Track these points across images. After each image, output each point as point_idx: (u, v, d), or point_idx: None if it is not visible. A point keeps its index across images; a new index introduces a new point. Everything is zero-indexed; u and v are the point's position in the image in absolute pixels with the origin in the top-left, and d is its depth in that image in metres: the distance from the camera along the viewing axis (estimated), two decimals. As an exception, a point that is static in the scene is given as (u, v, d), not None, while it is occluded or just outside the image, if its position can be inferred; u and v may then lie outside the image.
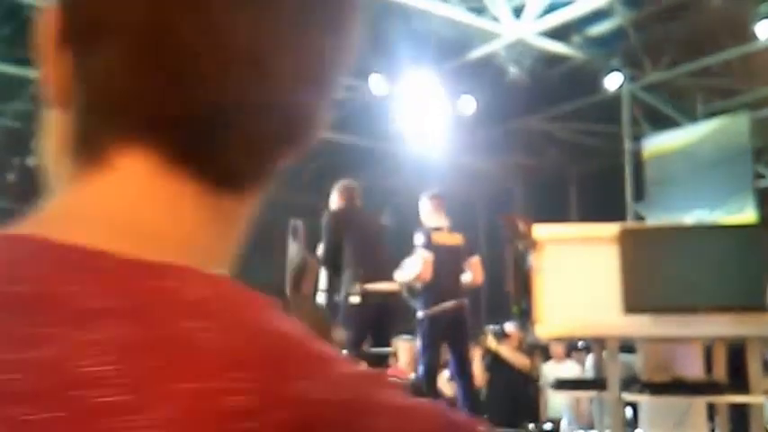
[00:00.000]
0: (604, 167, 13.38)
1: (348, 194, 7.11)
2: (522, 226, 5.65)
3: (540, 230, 5.32)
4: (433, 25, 11.31)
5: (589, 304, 4.99)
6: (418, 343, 7.68)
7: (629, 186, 11.89)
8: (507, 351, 8.19)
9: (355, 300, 6.62)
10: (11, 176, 13.52)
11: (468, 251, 7.48)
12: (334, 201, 7.13)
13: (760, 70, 10.92)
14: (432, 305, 7.26)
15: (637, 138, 12.00)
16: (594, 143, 14.15)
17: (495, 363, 8.35)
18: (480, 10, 10.98)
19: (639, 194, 11.77)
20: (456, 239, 7.47)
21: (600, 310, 4.96)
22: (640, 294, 4.95)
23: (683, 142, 11.30)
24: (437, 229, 7.41)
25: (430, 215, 7.51)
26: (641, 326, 4.92)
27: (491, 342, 8.32)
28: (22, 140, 12.51)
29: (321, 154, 13.19)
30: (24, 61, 11.42)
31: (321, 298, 7.31)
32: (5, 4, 10.33)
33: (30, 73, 11.49)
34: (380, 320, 6.85)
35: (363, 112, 12.81)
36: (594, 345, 5.73)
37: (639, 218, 11.51)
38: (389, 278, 6.89)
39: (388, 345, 7.18)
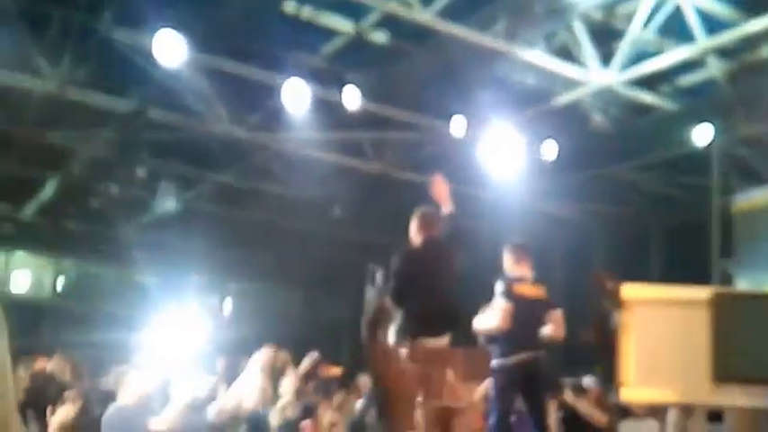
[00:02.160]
0: (689, 221, 13.01)
1: (427, 224, 6.89)
2: (610, 284, 5.48)
3: (629, 290, 5.14)
4: (519, 71, 11.21)
5: (677, 370, 4.79)
6: (491, 392, 7.51)
7: (715, 242, 11.54)
8: (585, 406, 7.96)
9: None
10: (94, 202, 13.75)
11: (550, 304, 7.30)
12: (413, 231, 6.93)
13: None
14: (508, 355, 7.11)
15: (726, 193, 11.67)
16: (680, 196, 13.82)
17: (571, 418, 8.13)
18: (567, 56, 10.83)
19: (727, 251, 11.41)
20: (538, 292, 7.31)
21: (688, 377, 4.76)
22: (731, 362, 4.74)
23: (774, 200, 10.98)
24: (519, 279, 7.26)
25: (513, 265, 7.35)
26: (731, 395, 4.70)
27: (568, 396, 8.10)
28: (106, 168, 12.75)
29: (400, 194, 13.14)
30: (112, 91, 11.62)
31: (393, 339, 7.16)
32: (96, 36, 10.51)
33: (117, 103, 11.68)
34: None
35: (444, 155, 12.72)
36: (680, 411, 5.49)
37: (726, 275, 11.15)
38: (445, 331, 6.65)
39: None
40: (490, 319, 7.05)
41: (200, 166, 14.34)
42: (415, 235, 6.87)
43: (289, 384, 8.31)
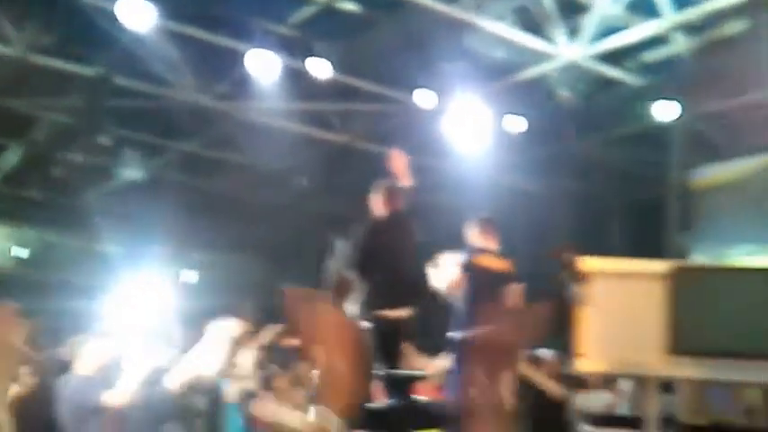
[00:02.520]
0: (650, 196, 13.14)
1: (391, 198, 6.91)
2: (569, 256, 5.55)
3: (588, 263, 5.22)
4: (486, 44, 11.22)
5: (633, 342, 4.88)
6: (450, 364, 7.55)
7: (674, 217, 11.69)
8: (540, 378, 8.03)
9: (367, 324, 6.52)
10: (56, 171, 13.62)
11: (513, 277, 7.35)
12: (376, 204, 6.93)
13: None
14: (468, 327, 7.15)
15: (686, 168, 11.80)
16: (641, 171, 13.93)
17: (526, 390, 8.16)
18: (534, 30, 10.86)
19: (685, 226, 11.56)
20: (502, 264, 7.35)
21: (643, 349, 4.85)
22: (685, 335, 4.83)
23: (733, 176, 11.11)
24: (483, 250, 7.30)
25: (478, 238, 7.38)
26: (685, 368, 4.80)
27: (524, 367, 8.14)
28: (70, 136, 12.62)
29: (366, 165, 13.14)
30: (77, 58, 11.50)
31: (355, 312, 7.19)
32: (63, 2, 10.40)
33: (82, 70, 11.56)
34: (392, 344, 6.68)
35: (408, 127, 12.75)
36: (634, 382, 5.59)
37: (684, 250, 11.30)
38: (406, 303, 6.69)
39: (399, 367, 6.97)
40: (444, 281, 7.02)
41: (166, 134, 14.23)
42: (378, 208, 6.90)
43: (248, 355, 8.32)
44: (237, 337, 6.89)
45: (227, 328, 6.81)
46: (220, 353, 6.53)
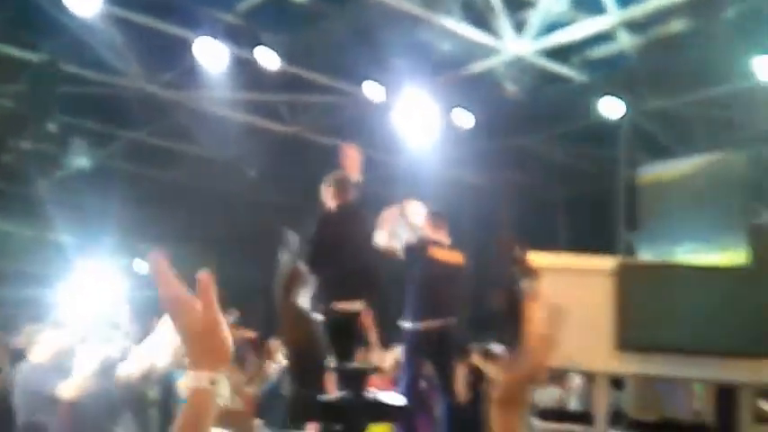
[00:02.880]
0: (596, 192, 13.33)
1: (341, 190, 6.92)
2: (518, 251, 5.63)
3: (537, 258, 5.30)
4: (433, 37, 11.28)
5: (582, 337, 4.97)
6: (401, 356, 7.62)
7: (620, 214, 11.86)
8: (493, 370, 8.10)
9: (319, 317, 6.54)
10: (6, 157, 13.37)
11: (464, 271, 7.43)
12: (328, 196, 6.94)
13: (760, 105, 10.90)
14: (420, 319, 7.21)
15: (632, 165, 11.98)
16: (588, 167, 14.13)
17: (478, 383, 8.25)
18: (481, 24, 10.94)
19: (631, 222, 11.74)
20: (454, 257, 7.43)
21: (592, 345, 4.94)
22: (634, 331, 4.94)
23: (679, 173, 11.30)
24: (436, 243, 7.36)
25: (430, 232, 7.45)
26: (632, 363, 4.91)
27: (476, 359, 8.23)
28: (19, 122, 12.38)
29: (315, 157, 13.13)
30: (25, 44, 11.32)
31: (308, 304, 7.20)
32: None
33: (29, 56, 11.38)
34: (345, 337, 6.71)
35: (358, 120, 12.78)
36: (583, 378, 5.69)
37: (630, 246, 11.49)
38: (360, 295, 6.71)
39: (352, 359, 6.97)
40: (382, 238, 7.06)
41: (114, 122, 14.09)
42: (329, 200, 6.91)
43: None
44: None
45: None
46: (173, 344, 6.51)
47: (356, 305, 6.56)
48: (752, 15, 9.90)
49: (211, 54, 10.97)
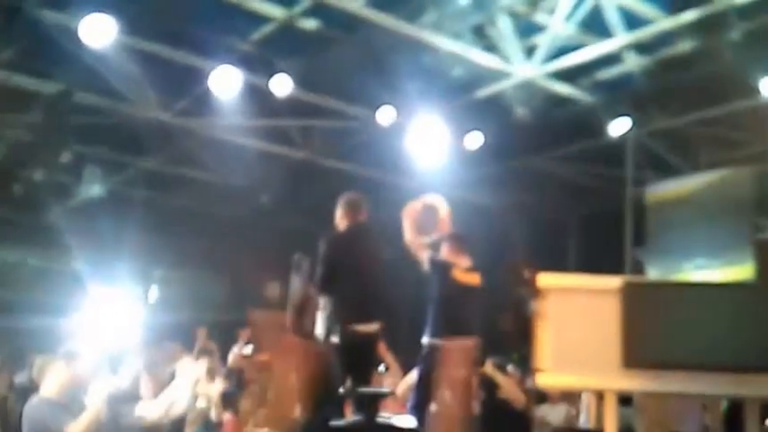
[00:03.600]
0: (605, 211, 13.42)
1: (353, 210, 6.94)
2: (527, 272, 5.70)
3: (545, 278, 5.37)
4: (443, 62, 11.41)
5: (590, 356, 5.03)
6: (416, 372, 7.56)
7: (628, 231, 11.93)
8: (505, 381, 8.04)
9: (335, 340, 6.51)
10: (17, 188, 13.48)
11: (483, 293, 7.44)
12: (339, 217, 6.98)
13: (765, 123, 10.99)
14: (441, 337, 7.14)
15: (639, 184, 12.06)
16: (596, 186, 14.20)
17: (490, 399, 8.15)
18: (491, 49, 11.08)
19: (639, 240, 11.81)
20: (474, 279, 7.45)
21: (600, 363, 5.00)
22: (641, 349, 5.00)
23: (685, 191, 11.37)
24: (455, 264, 7.37)
25: (451, 255, 7.45)
26: (641, 381, 4.96)
27: (489, 368, 8.14)
28: (30, 153, 12.51)
29: (326, 181, 13.25)
30: (38, 74, 11.47)
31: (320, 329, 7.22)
32: (22, 16, 10.38)
33: (42, 86, 11.54)
34: (361, 359, 6.68)
35: (370, 144, 12.90)
36: (593, 396, 5.75)
37: (638, 264, 11.55)
38: (376, 317, 6.69)
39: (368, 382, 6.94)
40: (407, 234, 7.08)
41: (127, 151, 14.21)
42: (340, 220, 6.94)
43: (210, 388, 8.40)
44: (203, 374, 6.91)
45: (194, 367, 6.79)
46: (188, 391, 6.54)
47: (372, 327, 6.57)
48: (756, 35, 10.00)
49: (225, 81, 11.12)
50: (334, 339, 6.48)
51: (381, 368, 8.47)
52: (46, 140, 11.76)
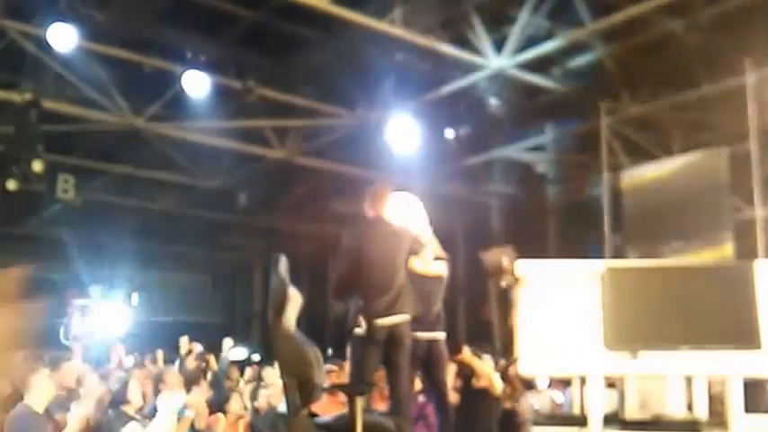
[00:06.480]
0: (582, 197, 13.49)
1: (372, 202, 6.82)
2: (505, 261, 5.70)
3: (523, 266, 5.39)
4: (417, 57, 11.43)
5: (571, 340, 5.06)
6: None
7: (607, 217, 11.98)
8: (483, 366, 7.94)
9: (360, 332, 6.41)
10: (-8, 198, 13.32)
11: (443, 283, 7.37)
12: (365, 207, 6.86)
13: (736, 105, 11.05)
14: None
15: (615, 170, 12.11)
16: (572, 174, 14.26)
17: (467, 386, 8.03)
18: (462, 42, 11.09)
19: (617, 225, 11.87)
20: (435, 270, 7.40)
21: (583, 348, 5.03)
22: (623, 332, 5.03)
23: (660, 175, 11.42)
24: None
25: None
26: (623, 363, 4.99)
27: (466, 353, 8.03)
28: (2, 164, 12.37)
29: (304, 180, 13.24)
30: (7, 84, 11.38)
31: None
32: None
33: (12, 96, 11.42)
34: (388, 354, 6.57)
35: (347, 141, 12.89)
36: (576, 380, 5.76)
37: (617, 248, 11.61)
38: (399, 311, 6.59)
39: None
40: None
41: (101, 157, 14.15)
42: (366, 211, 6.84)
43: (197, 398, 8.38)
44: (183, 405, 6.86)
45: (175, 401, 6.73)
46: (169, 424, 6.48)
47: (398, 319, 6.44)
48: (725, 20, 10.07)
49: (196, 84, 11.08)
50: (358, 331, 6.32)
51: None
52: (16, 151, 11.62)
